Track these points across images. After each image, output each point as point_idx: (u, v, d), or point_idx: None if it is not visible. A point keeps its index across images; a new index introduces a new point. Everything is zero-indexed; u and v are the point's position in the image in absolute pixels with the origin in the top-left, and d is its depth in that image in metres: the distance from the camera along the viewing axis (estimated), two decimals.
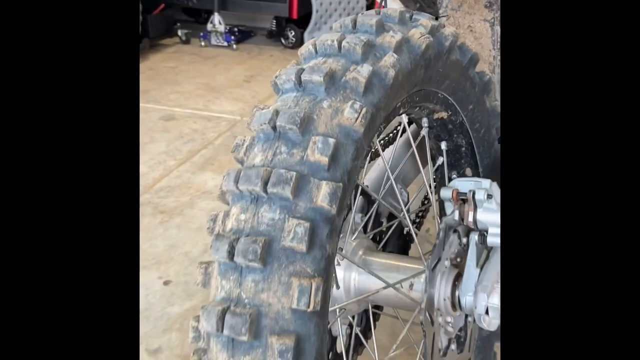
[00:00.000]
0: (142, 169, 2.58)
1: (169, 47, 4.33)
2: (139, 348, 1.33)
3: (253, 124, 0.74)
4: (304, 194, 0.68)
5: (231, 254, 0.67)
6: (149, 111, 3.20)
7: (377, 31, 0.82)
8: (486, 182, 0.99)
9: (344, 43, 0.78)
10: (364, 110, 0.72)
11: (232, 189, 0.71)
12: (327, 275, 0.68)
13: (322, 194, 0.67)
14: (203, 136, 2.93)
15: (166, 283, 1.87)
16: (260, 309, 0.66)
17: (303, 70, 0.75)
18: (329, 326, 0.95)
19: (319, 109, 0.72)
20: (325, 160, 0.68)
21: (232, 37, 4.31)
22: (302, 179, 0.68)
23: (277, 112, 0.72)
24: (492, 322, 0.96)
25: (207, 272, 0.73)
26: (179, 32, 4.41)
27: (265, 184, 0.68)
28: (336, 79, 0.75)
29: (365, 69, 0.75)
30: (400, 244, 1.30)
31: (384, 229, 1.22)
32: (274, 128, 0.72)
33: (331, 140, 0.69)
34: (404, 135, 1.22)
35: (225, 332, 0.65)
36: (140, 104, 3.26)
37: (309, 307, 0.65)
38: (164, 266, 1.94)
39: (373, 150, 1.20)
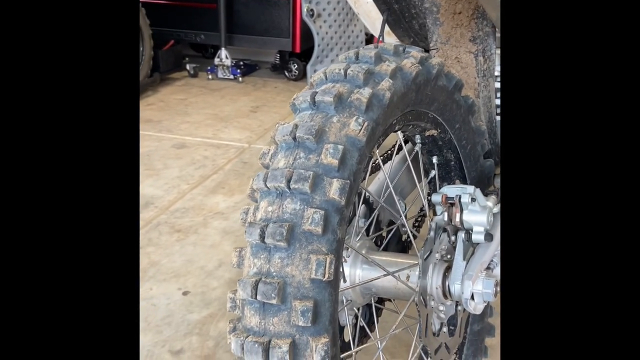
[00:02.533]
0: (158, 192, 2.76)
1: (178, 80, 4.54)
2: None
3: (277, 135, 0.91)
4: (319, 189, 0.85)
5: (262, 237, 0.84)
6: (162, 140, 3.40)
7: (376, 61, 1.00)
8: (470, 188, 1.16)
9: (349, 71, 0.97)
10: (365, 123, 0.90)
11: (261, 186, 0.88)
12: (337, 254, 0.85)
13: (334, 189, 0.85)
14: (213, 162, 3.11)
15: (185, 293, 2.03)
16: (286, 279, 0.83)
17: (316, 93, 0.94)
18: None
19: (330, 123, 0.90)
20: (335, 162, 0.86)
21: (238, 71, 4.53)
22: (317, 178, 0.85)
23: (296, 126, 0.90)
24: (477, 306, 1.12)
25: (241, 255, 0.90)
26: (188, 67, 4.64)
27: (288, 181, 0.85)
28: (343, 100, 0.93)
29: (366, 92, 0.93)
30: (399, 249, 1.47)
31: (384, 234, 1.39)
32: (294, 138, 0.89)
33: (340, 147, 0.87)
34: (401, 153, 1.40)
35: (258, 297, 0.82)
36: (153, 133, 3.46)
37: (324, 277, 0.82)
38: (183, 279, 2.10)
39: (374, 164, 1.39)
